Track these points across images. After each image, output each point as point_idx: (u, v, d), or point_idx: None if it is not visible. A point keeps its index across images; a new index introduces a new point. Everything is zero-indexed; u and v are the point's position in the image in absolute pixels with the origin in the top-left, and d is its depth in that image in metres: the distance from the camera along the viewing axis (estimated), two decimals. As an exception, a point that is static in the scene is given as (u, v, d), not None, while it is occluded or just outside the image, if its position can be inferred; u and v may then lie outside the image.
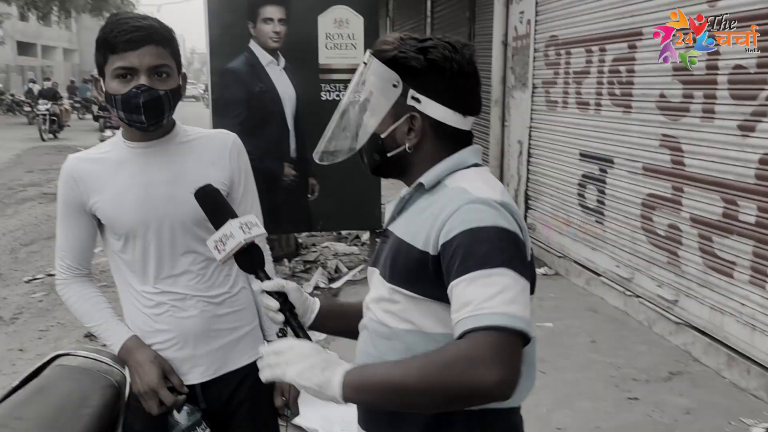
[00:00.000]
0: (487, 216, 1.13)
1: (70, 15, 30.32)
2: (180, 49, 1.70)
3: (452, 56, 1.25)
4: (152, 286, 1.75)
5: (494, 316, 1.03)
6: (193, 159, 1.71)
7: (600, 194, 5.17)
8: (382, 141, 1.30)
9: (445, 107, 1.26)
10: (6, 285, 5.99)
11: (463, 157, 1.29)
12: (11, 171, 13.18)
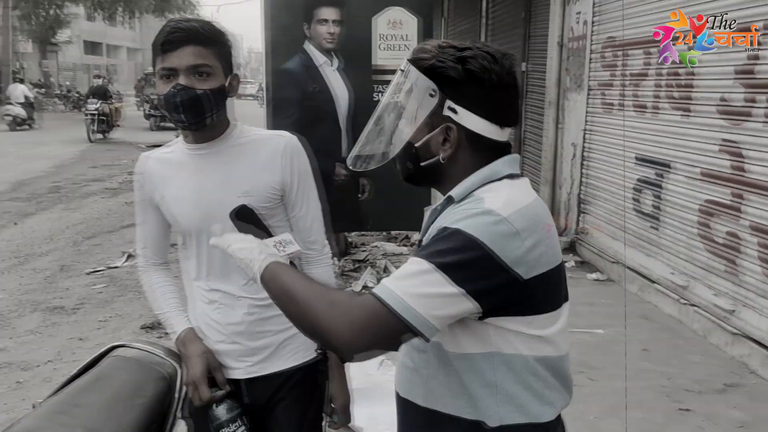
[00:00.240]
0: (472, 224, 1.15)
1: (134, 15, 31.29)
2: (234, 49, 1.73)
3: (491, 67, 1.23)
4: (205, 283, 1.82)
5: (392, 294, 1.13)
6: (244, 162, 1.73)
7: (656, 199, 5.05)
8: (416, 150, 1.28)
9: (482, 119, 1.24)
10: (69, 276, 6.23)
11: (496, 169, 1.26)
12: (76, 166, 13.68)
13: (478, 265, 1.13)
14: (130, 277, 6.18)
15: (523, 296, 1.18)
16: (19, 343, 4.65)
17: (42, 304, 5.45)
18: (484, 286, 1.15)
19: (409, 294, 1.13)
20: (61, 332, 4.89)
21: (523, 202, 1.21)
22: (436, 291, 1.13)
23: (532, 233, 1.18)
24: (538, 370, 1.23)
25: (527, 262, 1.16)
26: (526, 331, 1.21)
